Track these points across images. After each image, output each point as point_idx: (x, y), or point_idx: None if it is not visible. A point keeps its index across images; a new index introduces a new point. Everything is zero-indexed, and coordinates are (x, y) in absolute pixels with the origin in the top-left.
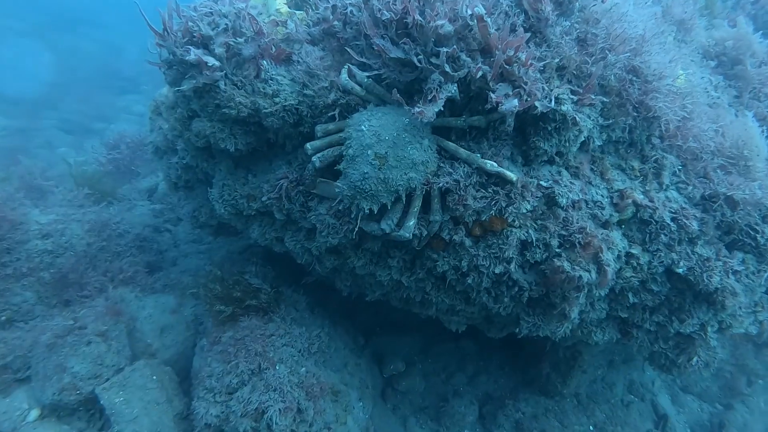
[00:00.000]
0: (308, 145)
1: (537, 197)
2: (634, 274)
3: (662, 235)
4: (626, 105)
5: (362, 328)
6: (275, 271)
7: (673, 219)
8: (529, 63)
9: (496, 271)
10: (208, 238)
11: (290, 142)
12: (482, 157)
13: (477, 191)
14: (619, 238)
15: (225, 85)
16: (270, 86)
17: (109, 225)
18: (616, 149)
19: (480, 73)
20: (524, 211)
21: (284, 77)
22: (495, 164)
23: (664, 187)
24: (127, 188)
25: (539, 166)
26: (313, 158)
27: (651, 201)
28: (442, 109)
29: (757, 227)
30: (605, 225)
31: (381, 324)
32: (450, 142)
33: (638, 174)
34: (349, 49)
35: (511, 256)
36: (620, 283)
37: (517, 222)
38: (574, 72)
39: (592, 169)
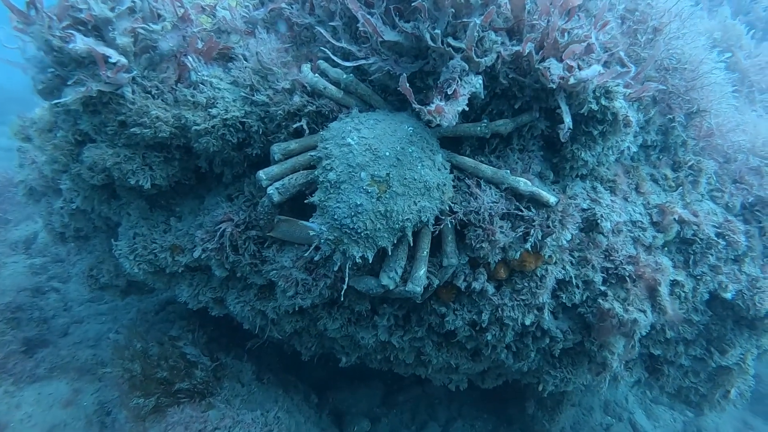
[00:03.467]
0: (261, 174)
1: (577, 223)
2: (678, 307)
3: (709, 256)
4: (667, 100)
5: (311, 382)
6: (207, 334)
7: (718, 235)
8: (588, 38)
9: (526, 322)
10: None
11: (231, 170)
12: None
13: (504, 221)
14: (670, 265)
15: (133, 93)
16: (202, 93)
17: None
18: (647, 155)
19: (529, 49)
20: (564, 242)
21: (221, 80)
22: (528, 182)
23: (702, 197)
24: None
25: (572, 182)
26: (270, 190)
27: (695, 215)
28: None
29: None
30: (648, 250)
31: (332, 375)
32: (466, 158)
33: (672, 184)
34: (321, 29)
35: (544, 301)
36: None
37: (554, 257)
38: (619, 57)
39: (627, 182)
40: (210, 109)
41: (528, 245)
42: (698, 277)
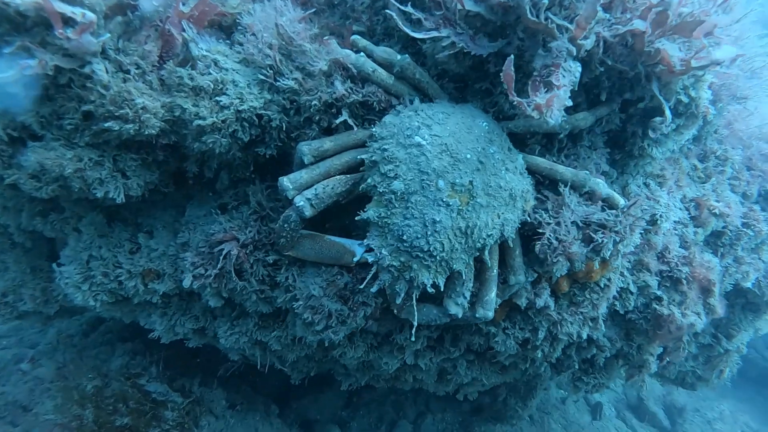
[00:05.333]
0: (286, 182)
1: (643, 226)
2: None
3: (738, 247)
4: (717, 86)
5: (268, 390)
6: (163, 359)
7: (744, 225)
8: (707, 15)
9: (583, 336)
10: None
11: (229, 174)
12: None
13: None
14: (718, 263)
15: (106, 71)
16: (205, 75)
17: None
18: (681, 146)
19: (644, 27)
20: (632, 248)
21: (227, 58)
22: (606, 184)
23: (728, 187)
24: None
25: (633, 180)
26: (299, 201)
27: (729, 207)
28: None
29: None
30: (689, 247)
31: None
32: (539, 158)
33: (702, 175)
34: None
35: (602, 312)
36: None
37: (618, 265)
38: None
39: (673, 177)
40: (218, 98)
41: (603, 256)
42: (726, 269)
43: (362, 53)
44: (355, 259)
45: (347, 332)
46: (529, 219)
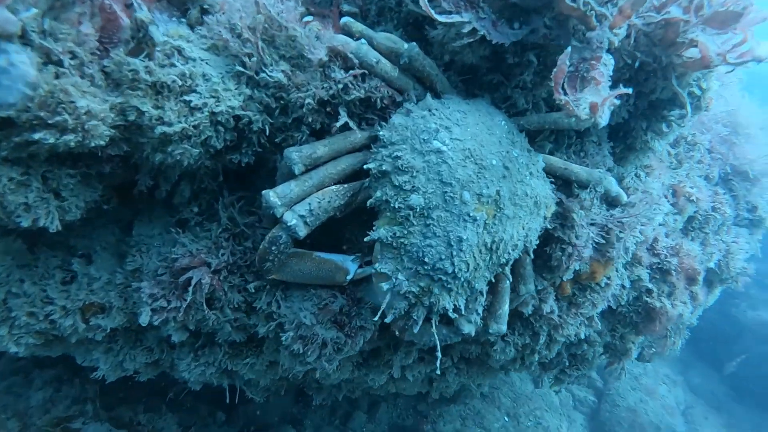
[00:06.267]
0: (272, 197)
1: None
2: None
3: (707, 231)
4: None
5: (210, 398)
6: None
7: (713, 209)
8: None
9: (581, 336)
10: None
11: (191, 186)
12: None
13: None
14: (699, 251)
15: (30, 63)
16: (166, 67)
17: None
18: None
19: (679, 15)
20: (634, 245)
21: (191, 45)
22: (616, 182)
23: (698, 171)
24: None
25: (627, 173)
26: (290, 219)
27: (701, 191)
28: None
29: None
30: (671, 235)
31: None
32: (553, 157)
33: (674, 161)
34: None
35: (600, 310)
36: None
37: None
38: None
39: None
40: (187, 97)
41: (609, 256)
42: None
43: (363, 40)
44: (349, 277)
45: (341, 361)
46: (549, 226)
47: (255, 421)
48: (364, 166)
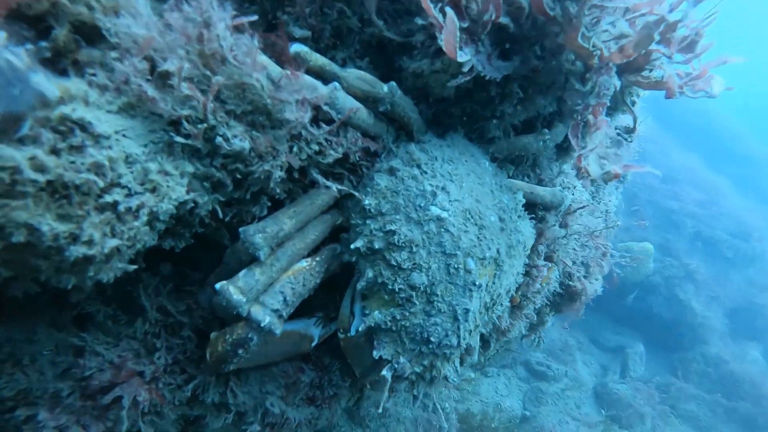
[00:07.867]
0: (232, 292)
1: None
2: None
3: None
4: None
5: None
6: None
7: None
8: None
9: (522, 332)
10: None
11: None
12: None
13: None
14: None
15: None
16: (76, 157)
17: None
18: None
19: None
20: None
21: (96, 107)
22: (570, 197)
23: None
24: None
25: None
26: (262, 318)
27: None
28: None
29: None
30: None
31: None
32: (521, 182)
33: None
34: None
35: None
36: None
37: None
38: None
39: None
40: (110, 197)
41: (555, 261)
42: None
43: (335, 84)
44: (314, 344)
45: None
46: (527, 261)
47: None
48: (351, 246)
